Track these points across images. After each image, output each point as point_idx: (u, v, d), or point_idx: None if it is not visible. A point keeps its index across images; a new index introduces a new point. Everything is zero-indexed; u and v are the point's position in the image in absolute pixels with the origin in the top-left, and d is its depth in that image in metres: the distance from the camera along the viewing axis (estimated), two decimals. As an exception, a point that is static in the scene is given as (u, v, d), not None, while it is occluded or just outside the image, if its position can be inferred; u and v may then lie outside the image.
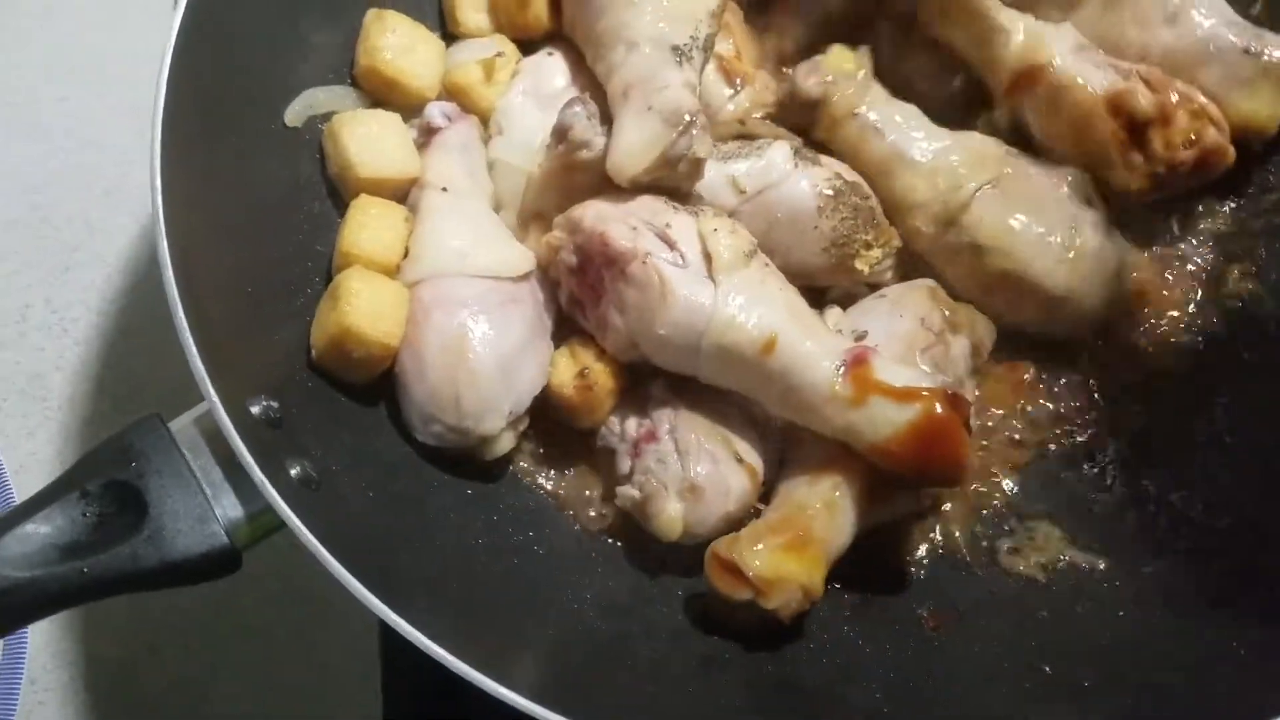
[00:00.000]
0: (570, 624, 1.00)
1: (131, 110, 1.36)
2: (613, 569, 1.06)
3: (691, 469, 1.01)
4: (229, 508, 0.88)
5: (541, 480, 1.09)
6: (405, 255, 1.05)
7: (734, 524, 1.02)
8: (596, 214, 1.02)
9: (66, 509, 0.85)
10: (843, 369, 0.97)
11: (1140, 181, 1.11)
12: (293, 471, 0.91)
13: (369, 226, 1.04)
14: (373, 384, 1.03)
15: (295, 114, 1.09)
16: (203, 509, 0.87)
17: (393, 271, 1.04)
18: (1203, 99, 1.10)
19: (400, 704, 1.11)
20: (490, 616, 0.97)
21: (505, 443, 1.04)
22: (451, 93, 1.14)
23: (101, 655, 1.17)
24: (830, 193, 1.06)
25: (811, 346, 0.98)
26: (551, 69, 1.15)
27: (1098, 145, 1.11)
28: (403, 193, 1.09)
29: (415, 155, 1.10)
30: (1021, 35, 1.12)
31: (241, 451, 0.85)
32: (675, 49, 1.03)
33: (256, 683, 1.16)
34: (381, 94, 1.13)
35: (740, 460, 1.03)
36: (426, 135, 1.11)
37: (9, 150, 1.35)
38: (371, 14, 1.13)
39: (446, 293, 1.02)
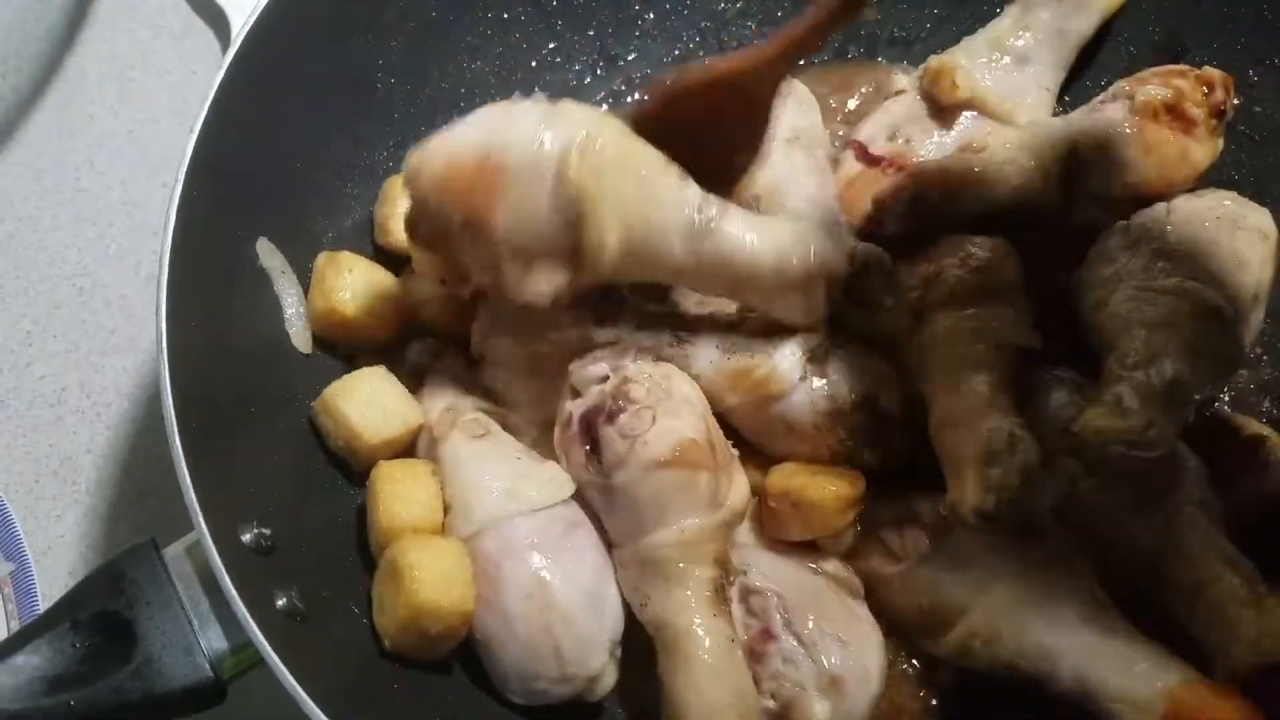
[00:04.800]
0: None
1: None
2: None
3: (825, 661, 0.93)
4: (214, 639, 0.89)
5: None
6: (446, 510, 0.99)
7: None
8: None
9: (56, 640, 0.87)
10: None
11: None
12: (279, 603, 0.92)
13: (400, 496, 0.98)
14: (453, 656, 0.99)
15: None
16: (188, 641, 0.88)
17: (439, 530, 0.98)
18: None
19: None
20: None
21: (610, 677, 0.97)
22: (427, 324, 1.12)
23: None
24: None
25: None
26: None
27: None
28: (411, 445, 1.06)
29: (415, 403, 1.07)
30: None
31: (226, 585, 0.86)
32: None
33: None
34: (338, 334, 1.11)
35: (864, 635, 0.96)
36: (417, 378, 1.09)
37: (60, 233, 1.39)
38: (324, 257, 1.10)
39: (509, 538, 0.95)
